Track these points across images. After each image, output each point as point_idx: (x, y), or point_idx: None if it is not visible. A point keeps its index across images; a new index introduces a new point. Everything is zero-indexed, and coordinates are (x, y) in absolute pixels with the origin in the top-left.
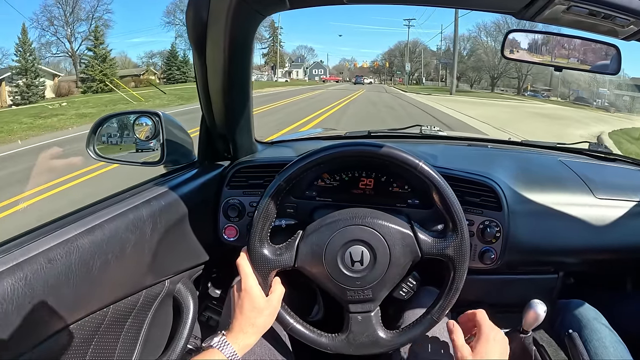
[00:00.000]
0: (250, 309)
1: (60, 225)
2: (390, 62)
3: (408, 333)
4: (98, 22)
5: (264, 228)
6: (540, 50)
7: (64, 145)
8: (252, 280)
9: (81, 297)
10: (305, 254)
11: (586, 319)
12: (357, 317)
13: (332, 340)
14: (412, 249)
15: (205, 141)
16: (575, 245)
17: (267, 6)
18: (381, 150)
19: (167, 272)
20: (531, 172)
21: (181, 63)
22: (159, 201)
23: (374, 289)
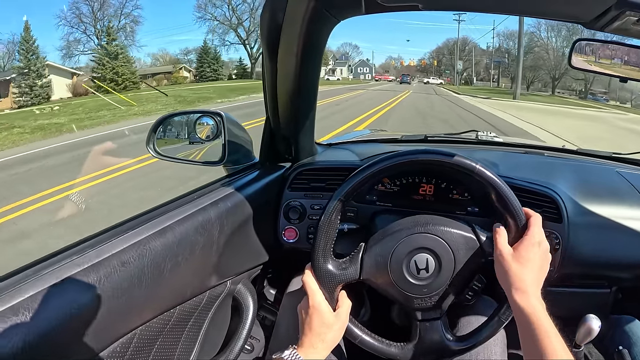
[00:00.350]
0: (320, 324)
1: (132, 226)
2: (439, 60)
3: (477, 337)
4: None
5: (327, 244)
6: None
7: None
8: (319, 296)
9: (152, 298)
10: (370, 266)
11: (637, 336)
12: (426, 325)
13: (401, 350)
14: (476, 251)
15: (269, 143)
16: (632, 260)
17: (343, 11)
18: (436, 157)
19: (230, 273)
20: (590, 183)
21: (212, 60)
22: (225, 202)
23: (440, 295)
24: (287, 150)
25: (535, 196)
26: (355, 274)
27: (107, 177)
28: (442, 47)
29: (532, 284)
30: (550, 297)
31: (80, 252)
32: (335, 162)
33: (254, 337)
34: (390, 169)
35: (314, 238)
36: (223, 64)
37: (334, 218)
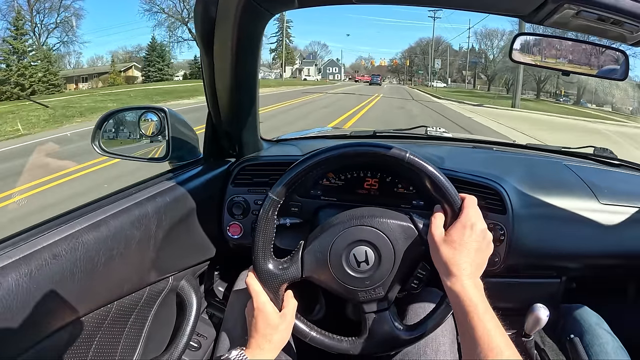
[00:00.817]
0: (265, 326)
1: (66, 220)
2: (411, 60)
3: (426, 324)
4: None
5: (267, 243)
6: (550, 55)
7: None
8: (263, 297)
9: (85, 292)
10: (311, 263)
11: (588, 324)
12: (374, 317)
13: (352, 344)
14: (415, 240)
15: (211, 138)
16: (579, 250)
17: (276, 4)
18: (367, 148)
19: (171, 269)
20: (536, 176)
21: (157, 58)
22: (164, 197)
23: (384, 286)
24: (230, 145)
25: (479, 188)
26: (297, 273)
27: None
28: (415, 47)
29: (467, 267)
30: (500, 288)
31: (12, 245)
32: (278, 157)
33: (201, 334)
34: (321, 164)
35: (253, 237)
36: (170, 63)
37: (271, 216)
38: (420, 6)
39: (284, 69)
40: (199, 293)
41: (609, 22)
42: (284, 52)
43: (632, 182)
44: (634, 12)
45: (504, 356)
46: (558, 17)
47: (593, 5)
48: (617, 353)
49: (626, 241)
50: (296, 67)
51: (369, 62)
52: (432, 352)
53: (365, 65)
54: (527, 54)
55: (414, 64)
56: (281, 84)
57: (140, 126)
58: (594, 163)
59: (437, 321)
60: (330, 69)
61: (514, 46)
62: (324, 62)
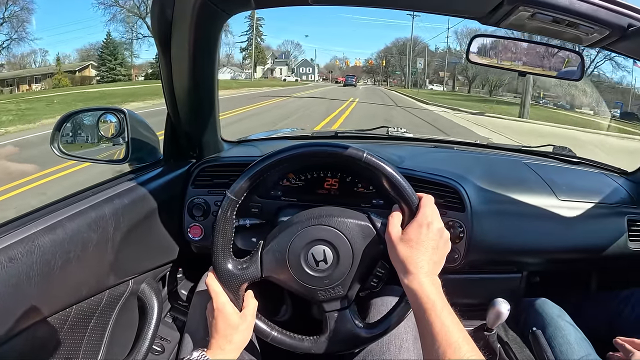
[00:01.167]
0: (225, 327)
1: (21, 223)
2: (387, 60)
3: (386, 322)
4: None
5: (226, 243)
6: (506, 56)
7: None
8: (223, 298)
9: (43, 297)
10: (270, 263)
11: (550, 317)
12: (334, 315)
13: (314, 343)
14: (373, 239)
15: (171, 139)
16: (538, 246)
17: (232, 5)
18: (326, 149)
19: (130, 272)
20: (495, 174)
21: (109, 57)
22: (121, 199)
23: (343, 285)
24: (191, 146)
25: (438, 187)
26: (257, 273)
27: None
28: (391, 47)
29: (424, 265)
30: (463, 284)
31: None
32: (238, 158)
33: (164, 338)
34: (279, 163)
35: (212, 237)
36: (124, 62)
37: (229, 215)
38: (374, 7)
39: (255, 69)
40: (160, 296)
41: (564, 24)
42: (254, 51)
43: (589, 179)
44: (588, 15)
45: (463, 351)
46: (514, 19)
47: (547, 8)
48: (580, 344)
49: (584, 235)
50: (268, 67)
51: (343, 62)
52: (395, 349)
53: (340, 66)
54: (484, 55)
55: (390, 64)
56: (246, 85)
57: (100, 128)
58: (553, 161)
59: (397, 319)
60: (304, 69)
61: (471, 48)
62: (298, 62)
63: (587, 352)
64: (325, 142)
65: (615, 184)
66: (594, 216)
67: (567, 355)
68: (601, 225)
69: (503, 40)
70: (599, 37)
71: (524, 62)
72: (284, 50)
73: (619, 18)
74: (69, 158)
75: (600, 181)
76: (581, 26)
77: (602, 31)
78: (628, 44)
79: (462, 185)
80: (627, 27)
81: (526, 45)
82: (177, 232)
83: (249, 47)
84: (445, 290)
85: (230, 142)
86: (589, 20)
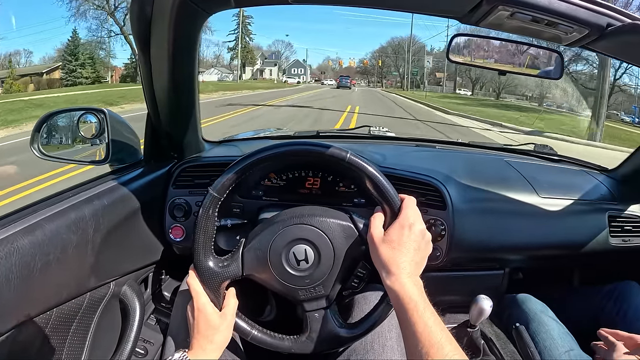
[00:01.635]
0: (206, 327)
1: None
2: (382, 61)
3: (367, 322)
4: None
5: (207, 240)
6: (486, 55)
7: None
8: (203, 297)
9: (22, 300)
10: (251, 261)
11: (533, 312)
12: (315, 315)
13: (295, 343)
14: (354, 238)
15: (151, 140)
16: (520, 243)
17: (212, 4)
18: (310, 148)
19: (111, 274)
20: (477, 172)
21: (70, 57)
22: (101, 200)
23: (324, 284)
24: (171, 147)
25: (419, 185)
26: (238, 271)
27: None
28: (386, 47)
29: (406, 266)
30: (446, 282)
31: None
32: (219, 158)
33: (147, 340)
34: (263, 161)
35: (193, 235)
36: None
37: (211, 213)
38: (354, 6)
39: (243, 70)
40: (142, 298)
41: (544, 23)
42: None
43: (570, 176)
44: (567, 14)
45: (445, 351)
46: (493, 18)
47: (526, 7)
48: (563, 338)
49: (566, 232)
50: (257, 67)
51: (336, 62)
52: (379, 348)
53: (333, 67)
54: (463, 54)
55: (385, 64)
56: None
57: (80, 128)
58: (535, 159)
59: (378, 319)
60: (296, 70)
61: (451, 46)
62: (289, 62)
63: (571, 347)
64: (310, 142)
65: (596, 181)
66: (575, 213)
67: (551, 349)
68: (582, 221)
69: (483, 39)
70: (578, 36)
71: (504, 61)
72: (274, 50)
73: (598, 17)
74: (49, 159)
75: (581, 178)
76: (560, 25)
77: (581, 30)
78: (607, 43)
79: (444, 184)
80: (606, 27)
81: (507, 45)
82: (158, 234)
83: (237, 47)
84: (428, 288)
85: (212, 142)
86: (568, 19)
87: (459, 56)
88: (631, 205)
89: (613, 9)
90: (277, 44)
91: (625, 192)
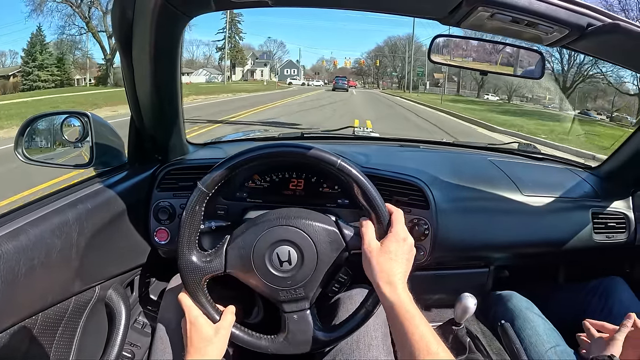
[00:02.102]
0: (199, 340)
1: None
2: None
3: (345, 327)
4: None
5: (191, 236)
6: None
7: None
8: (195, 311)
9: (7, 304)
10: (234, 258)
11: (518, 309)
12: (293, 317)
13: (271, 342)
14: (338, 245)
15: (135, 143)
16: (504, 241)
17: (192, 8)
18: (301, 150)
19: (96, 278)
20: (460, 172)
21: (27, 58)
22: (85, 204)
23: (305, 287)
24: (155, 150)
25: (402, 185)
26: (220, 267)
27: None
28: (383, 47)
29: (400, 277)
30: (431, 280)
31: None
32: (204, 160)
33: (134, 344)
34: (254, 160)
35: (179, 230)
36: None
37: (198, 209)
38: (335, 8)
39: (233, 71)
40: (128, 302)
41: (524, 23)
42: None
43: (554, 174)
44: (547, 15)
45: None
46: (474, 19)
47: (506, 8)
48: (549, 334)
49: (550, 229)
50: (247, 68)
51: (331, 63)
52: (364, 347)
53: (327, 67)
54: (445, 55)
55: (382, 65)
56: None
57: (64, 132)
58: (518, 158)
59: (356, 324)
60: (289, 70)
61: (432, 47)
62: (282, 63)
63: (557, 342)
64: (298, 144)
65: (579, 179)
66: (559, 210)
67: (537, 345)
68: (566, 219)
69: (465, 40)
70: (559, 36)
71: (486, 61)
72: (265, 50)
73: (578, 17)
74: (33, 163)
75: (564, 176)
76: (540, 26)
77: (561, 30)
78: (588, 43)
79: (427, 183)
80: (586, 27)
81: (488, 45)
82: (143, 237)
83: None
84: (413, 287)
85: (196, 144)
86: (548, 20)
87: (440, 57)
88: (614, 202)
89: (593, 9)
90: (269, 43)
91: (608, 189)
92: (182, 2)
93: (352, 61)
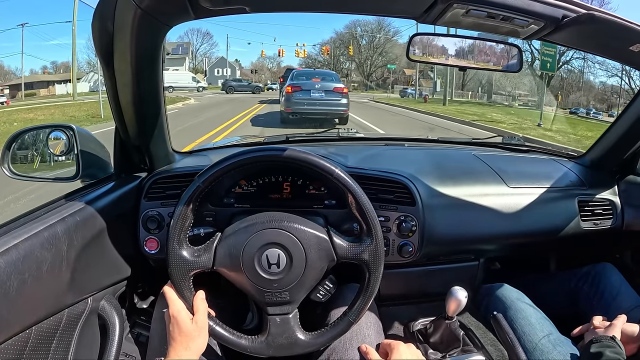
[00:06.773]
0: (180, 333)
1: None
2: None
3: (326, 334)
4: None
5: (182, 231)
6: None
7: None
8: (178, 305)
9: (1, 320)
10: (224, 256)
11: (510, 300)
12: (276, 319)
13: (251, 342)
14: (327, 253)
15: (121, 153)
16: (491, 233)
17: (172, 17)
18: (299, 156)
19: (88, 290)
20: (445, 167)
21: None
22: (74, 217)
23: (291, 291)
24: (141, 159)
25: (387, 183)
26: (209, 263)
27: None
28: (344, 34)
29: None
30: (422, 275)
31: None
32: (190, 168)
33: (128, 354)
34: (251, 162)
35: (170, 225)
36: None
37: (192, 205)
38: (309, 11)
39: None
40: (121, 313)
41: (499, 18)
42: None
43: (539, 165)
44: (522, 8)
45: None
46: (449, 16)
47: (480, 4)
48: (542, 323)
49: (537, 220)
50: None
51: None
52: (358, 344)
53: (270, 67)
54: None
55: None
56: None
57: (49, 145)
58: (502, 150)
59: (337, 332)
60: (220, 70)
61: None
62: (212, 61)
63: (549, 331)
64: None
65: (565, 168)
66: (546, 200)
67: (530, 335)
68: (553, 208)
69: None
70: (535, 29)
71: (464, 58)
72: (180, 43)
73: (552, 10)
74: (20, 178)
75: (549, 166)
76: (516, 20)
77: (537, 23)
78: (564, 35)
79: (412, 180)
80: (561, 18)
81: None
82: (133, 247)
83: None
84: (404, 283)
85: (182, 152)
86: (523, 13)
87: (418, 55)
88: (599, 189)
89: (568, 1)
90: (191, 34)
91: (593, 177)
92: (161, 12)
93: (308, 49)
